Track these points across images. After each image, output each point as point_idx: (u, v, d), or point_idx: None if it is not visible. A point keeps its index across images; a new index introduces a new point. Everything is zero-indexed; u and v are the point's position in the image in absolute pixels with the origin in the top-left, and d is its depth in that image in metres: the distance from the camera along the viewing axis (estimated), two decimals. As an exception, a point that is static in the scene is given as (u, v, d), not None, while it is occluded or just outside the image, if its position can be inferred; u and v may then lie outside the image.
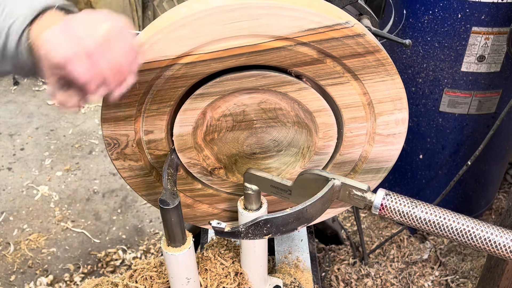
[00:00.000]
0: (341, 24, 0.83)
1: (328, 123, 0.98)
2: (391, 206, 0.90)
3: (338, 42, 0.85)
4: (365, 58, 0.87)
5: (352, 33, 0.84)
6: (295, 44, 0.85)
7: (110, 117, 0.95)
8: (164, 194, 0.93)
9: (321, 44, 0.85)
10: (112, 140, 0.99)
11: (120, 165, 1.03)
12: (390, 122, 0.97)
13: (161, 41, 0.84)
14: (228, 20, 0.82)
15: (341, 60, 0.87)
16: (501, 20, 1.98)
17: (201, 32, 0.83)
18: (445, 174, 2.49)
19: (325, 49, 0.86)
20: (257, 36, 0.84)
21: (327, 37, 0.84)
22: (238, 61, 0.87)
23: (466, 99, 2.21)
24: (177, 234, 0.96)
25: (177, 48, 0.85)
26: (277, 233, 0.90)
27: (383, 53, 0.87)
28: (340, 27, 0.83)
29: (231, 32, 0.83)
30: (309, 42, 0.84)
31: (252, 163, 1.08)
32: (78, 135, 3.59)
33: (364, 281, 2.43)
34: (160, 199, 0.92)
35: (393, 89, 0.92)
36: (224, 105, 0.98)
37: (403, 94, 0.94)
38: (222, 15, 0.81)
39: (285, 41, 0.85)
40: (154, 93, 0.92)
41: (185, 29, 0.83)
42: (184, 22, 0.82)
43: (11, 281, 2.48)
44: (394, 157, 1.04)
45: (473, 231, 0.85)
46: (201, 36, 0.84)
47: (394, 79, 0.91)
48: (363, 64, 0.88)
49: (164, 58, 0.86)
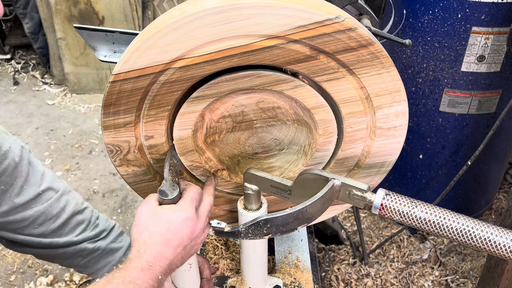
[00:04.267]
0: (331, 19, 0.82)
1: (327, 119, 0.97)
2: (391, 206, 0.89)
3: (330, 37, 0.84)
4: (359, 52, 0.87)
5: (343, 27, 0.83)
6: (287, 42, 0.85)
7: (110, 124, 0.95)
8: (164, 185, 0.94)
9: (313, 40, 0.85)
10: (114, 147, 0.99)
11: (124, 171, 1.04)
12: (390, 115, 0.97)
13: (154, 47, 0.84)
14: (219, 21, 0.82)
15: (335, 55, 0.87)
16: (501, 20, 1.98)
17: (193, 35, 0.83)
18: (445, 174, 2.48)
19: (317, 45, 0.85)
20: (249, 36, 0.84)
21: (318, 33, 0.84)
22: (232, 62, 0.87)
23: (466, 99, 2.21)
24: None
25: (169, 52, 0.85)
26: (277, 233, 0.90)
27: (377, 46, 0.87)
28: (330, 22, 0.83)
29: (222, 34, 0.83)
30: (300, 39, 0.84)
31: (255, 163, 1.08)
32: (78, 135, 3.59)
33: (364, 281, 2.43)
34: (159, 189, 0.93)
35: (390, 81, 0.92)
36: (222, 106, 0.98)
37: (400, 86, 0.93)
38: (212, 17, 0.81)
39: (276, 39, 0.85)
40: (151, 99, 0.92)
41: (177, 32, 0.83)
42: (176, 26, 0.82)
43: (11, 281, 2.48)
44: (397, 150, 1.03)
45: (473, 231, 0.85)
46: (193, 39, 0.84)
47: (390, 71, 0.90)
48: (357, 58, 0.88)
49: (158, 63, 0.86)
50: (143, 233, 0.90)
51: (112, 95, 0.90)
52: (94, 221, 1.30)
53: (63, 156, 3.38)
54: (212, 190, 1.02)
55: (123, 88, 0.89)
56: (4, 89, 4.17)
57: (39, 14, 3.92)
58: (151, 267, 0.88)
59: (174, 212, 0.92)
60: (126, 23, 3.82)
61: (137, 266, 0.87)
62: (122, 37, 1.12)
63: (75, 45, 3.91)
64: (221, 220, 0.98)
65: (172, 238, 0.90)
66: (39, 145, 3.48)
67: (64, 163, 3.30)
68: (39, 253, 1.27)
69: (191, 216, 0.92)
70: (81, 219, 1.27)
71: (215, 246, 1.36)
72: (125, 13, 3.80)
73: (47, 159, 3.34)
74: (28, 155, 1.18)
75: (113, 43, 1.14)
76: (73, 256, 1.28)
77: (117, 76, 0.88)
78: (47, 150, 3.43)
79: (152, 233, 0.90)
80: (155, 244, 0.89)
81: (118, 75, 0.87)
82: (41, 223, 1.20)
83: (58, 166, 3.27)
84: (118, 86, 0.89)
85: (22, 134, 3.59)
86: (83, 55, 3.97)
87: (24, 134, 3.60)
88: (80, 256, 1.28)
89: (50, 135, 3.60)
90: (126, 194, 3.03)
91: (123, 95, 0.90)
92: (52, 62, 4.15)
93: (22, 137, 3.56)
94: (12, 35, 4.57)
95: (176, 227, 0.91)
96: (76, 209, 1.26)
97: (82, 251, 1.27)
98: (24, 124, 3.71)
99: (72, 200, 1.26)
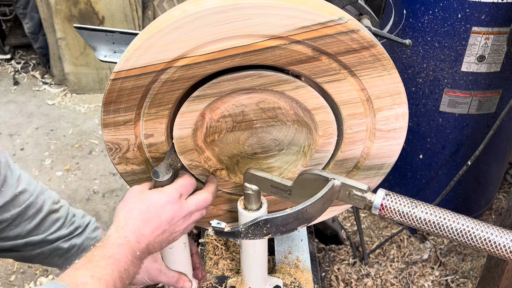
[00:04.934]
0: (334, 20, 0.82)
1: (327, 121, 0.97)
2: (391, 206, 0.89)
3: (333, 39, 0.84)
4: (361, 53, 0.87)
5: (346, 29, 0.83)
6: (289, 43, 0.85)
7: (110, 122, 0.95)
8: (160, 166, 0.95)
9: (315, 41, 0.85)
10: (114, 145, 0.99)
11: (122, 169, 1.04)
12: (390, 117, 0.97)
13: (155, 45, 0.84)
14: (220, 21, 0.82)
15: (337, 56, 0.87)
16: (501, 20, 1.98)
17: (195, 34, 0.83)
18: (445, 174, 2.49)
19: (319, 47, 0.85)
20: (251, 36, 0.84)
21: (321, 34, 0.84)
22: (233, 62, 0.87)
23: (466, 99, 2.21)
24: None
25: (171, 51, 0.85)
26: (277, 233, 0.90)
27: (379, 48, 0.87)
28: (333, 24, 0.83)
29: (224, 33, 0.83)
30: (303, 40, 0.84)
31: (254, 163, 1.08)
32: (78, 135, 3.59)
33: (364, 281, 2.43)
34: (153, 169, 0.95)
35: (391, 84, 0.92)
36: (222, 106, 0.98)
37: (401, 88, 0.93)
38: (214, 17, 0.81)
39: (279, 40, 0.84)
40: (152, 97, 0.92)
41: (179, 32, 0.83)
42: (177, 25, 0.82)
43: (11, 281, 2.48)
44: (396, 153, 1.03)
45: (473, 231, 0.85)
46: (195, 39, 0.84)
47: (391, 73, 0.90)
48: (359, 60, 0.88)
49: (159, 61, 0.86)
50: (125, 207, 0.94)
51: (113, 93, 0.90)
52: (70, 218, 1.30)
53: (63, 156, 3.38)
54: (213, 188, 1.03)
55: (124, 86, 0.89)
56: (4, 89, 4.17)
57: (39, 14, 3.92)
58: (128, 241, 0.90)
59: (158, 194, 0.95)
60: (126, 23, 3.82)
61: (115, 242, 0.89)
62: (122, 37, 1.13)
63: (75, 45, 3.91)
64: (220, 219, 0.98)
65: (151, 217, 0.93)
66: (39, 145, 3.48)
67: (64, 163, 3.30)
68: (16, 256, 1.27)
69: (172, 201, 0.94)
70: (57, 217, 1.27)
71: (215, 246, 1.36)
72: (125, 13, 3.80)
73: (47, 159, 3.34)
74: (6, 158, 1.18)
75: (113, 43, 1.14)
76: (50, 256, 1.28)
77: (118, 74, 0.88)
78: (47, 150, 3.43)
79: (132, 209, 0.93)
80: (133, 219, 0.92)
81: (119, 72, 0.87)
82: (17, 224, 1.20)
83: (58, 166, 3.27)
84: (119, 84, 0.89)
85: (22, 134, 3.59)
86: (83, 55, 3.98)
87: (24, 134, 3.60)
88: (56, 255, 1.28)
89: (50, 135, 3.60)
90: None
91: (124, 93, 0.90)
92: (52, 62, 4.15)
93: (22, 137, 3.56)
94: (12, 35, 4.57)
95: (156, 207, 0.93)
96: (52, 208, 1.26)
97: (58, 250, 1.27)
98: (24, 124, 3.71)
99: (48, 199, 1.26)
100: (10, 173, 1.18)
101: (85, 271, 0.84)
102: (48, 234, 1.24)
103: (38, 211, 1.23)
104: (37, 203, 1.22)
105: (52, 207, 1.26)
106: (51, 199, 1.27)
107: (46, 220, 1.24)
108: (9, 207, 1.17)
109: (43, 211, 1.23)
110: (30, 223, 1.21)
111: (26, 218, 1.20)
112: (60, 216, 1.27)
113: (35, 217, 1.22)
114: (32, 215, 1.21)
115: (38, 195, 1.23)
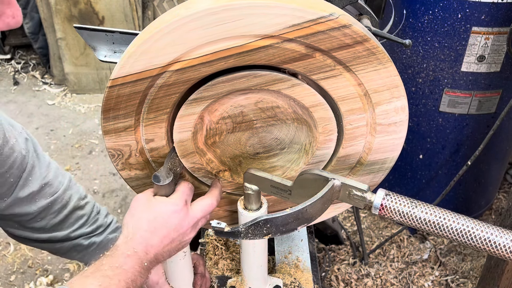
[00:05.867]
0: (325, 16, 0.82)
1: (326, 117, 0.97)
2: (391, 206, 0.89)
3: (325, 35, 0.84)
4: (354, 48, 0.87)
5: (338, 24, 0.83)
6: (282, 41, 0.85)
7: (110, 129, 0.96)
8: (160, 171, 0.95)
9: (308, 38, 0.84)
10: (116, 151, 1.00)
11: (126, 175, 1.04)
12: (390, 110, 0.96)
13: (149, 51, 0.85)
14: (212, 23, 0.82)
15: (330, 52, 0.87)
16: (501, 20, 1.98)
17: (187, 38, 0.83)
18: (445, 174, 2.49)
19: (312, 44, 0.85)
20: (243, 36, 0.84)
21: (313, 31, 0.84)
22: (228, 63, 0.87)
23: (466, 99, 2.21)
24: None
25: (165, 55, 0.85)
26: (277, 233, 0.90)
27: (372, 42, 0.87)
28: (324, 20, 0.82)
29: (216, 35, 0.83)
30: (295, 38, 0.84)
31: (257, 163, 1.08)
32: (78, 135, 3.59)
33: (364, 281, 2.43)
34: (154, 174, 0.95)
35: (388, 77, 0.91)
36: (220, 107, 0.98)
37: (398, 81, 0.93)
38: (205, 19, 0.81)
39: (271, 39, 0.84)
40: (149, 102, 0.93)
41: (171, 36, 0.83)
42: (169, 30, 0.82)
43: (11, 281, 2.48)
44: (399, 146, 1.03)
45: (473, 231, 0.85)
46: (188, 42, 0.84)
47: (387, 67, 0.90)
48: (353, 55, 0.87)
49: (154, 67, 0.86)
50: (133, 218, 0.95)
51: (111, 100, 0.91)
52: (94, 216, 1.31)
53: (63, 156, 3.38)
54: (217, 193, 1.03)
55: (121, 92, 0.90)
56: (4, 89, 4.17)
57: (39, 14, 3.92)
58: (136, 253, 0.91)
59: (164, 203, 0.95)
60: (126, 23, 3.82)
61: (123, 253, 0.91)
62: (122, 37, 1.13)
63: (75, 45, 3.91)
64: (223, 221, 0.98)
65: (159, 227, 0.94)
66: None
67: (64, 163, 3.30)
68: (40, 246, 1.30)
69: (179, 210, 0.95)
70: (82, 214, 1.28)
71: (215, 246, 1.36)
72: (125, 13, 3.80)
73: (47, 159, 3.34)
74: (35, 147, 1.18)
75: (113, 43, 1.14)
76: (70, 251, 1.29)
77: (114, 81, 0.88)
78: (47, 150, 3.43)
79: (140, 219, 0.94)
80: (141, 230, 0.93)
81: (115, 80, 0.88)
82: (44, 216, 1.21)
83: (58, 166, 3.27)
84: (116, 90, 0.89)
85: (22, 134, 3.59)
86: (83, 55, 3.98)
87: (24, 134, 3.60)
88: (75, 251, 1.29)
89: (50, 135, 3.60)
90: (126, 194, 3.03)
91: (121, 99, 0.91)
92: (52, 62, 4.15)
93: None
94: (12, 35, 4.57)
95: (163, 217, 0.94)
96: (78, 204, 1.27)
97: (78, 246, 1.28)
98: (24, 124, 3.70)
99: (75, 194, 1.27)
100: (37, 162, 1.18)
101: (93, 279, 0.87)
102: (71, 231, 1.26)
103: (64, 207, 1.24)
104: (63, 198, 1.23)
105: (77, 203, 1.27)
106: (78, 195, 1.28)
107: (70, 216, 1.26)
108: (35, 198, 1.18)
109: (68, 207, 1.25)
110: (55, 218, 1.23)
111: (52, 212, 1.22)
112: (84, 213, 1.29)
113: (61, 212, 1.23)
114: (58, 209, 1.23)
115: (65, 190, 1.24)
